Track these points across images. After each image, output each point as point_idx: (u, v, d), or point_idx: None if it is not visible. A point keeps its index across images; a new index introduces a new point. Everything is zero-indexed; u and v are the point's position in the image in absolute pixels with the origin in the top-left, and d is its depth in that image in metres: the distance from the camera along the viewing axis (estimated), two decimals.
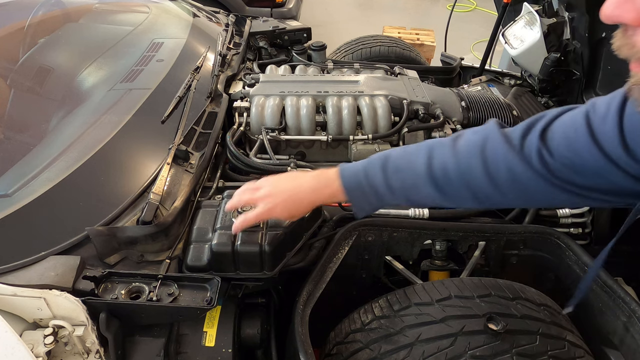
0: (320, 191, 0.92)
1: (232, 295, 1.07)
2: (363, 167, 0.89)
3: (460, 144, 0.81)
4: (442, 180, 0.81)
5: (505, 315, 0.96)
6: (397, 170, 0.85)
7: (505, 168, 0.77)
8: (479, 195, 0.81)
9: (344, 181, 0.90)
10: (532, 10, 1.87)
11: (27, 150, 1.25)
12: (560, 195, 0.76)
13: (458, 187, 0.81)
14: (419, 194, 0.85)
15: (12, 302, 0.87)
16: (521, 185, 0.77)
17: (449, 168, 0.80)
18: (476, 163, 0.78)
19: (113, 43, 1.77)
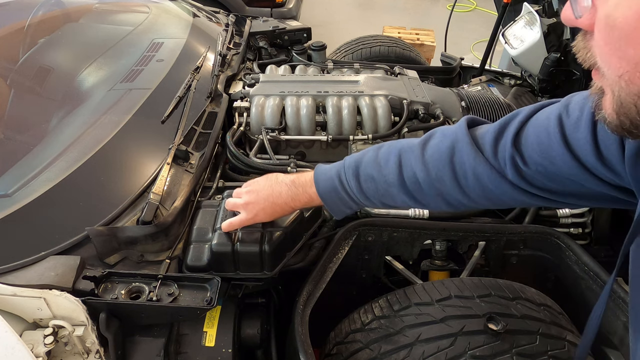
0: (298, 199, 0.95)
1: (232, 295, 1.07)
2: (337, 173, 0.89)
3: (429, 152, 0.80)
4: (414, 189, 0.82)
5: (505, 315, 0.96)
6: (370, 179, 0.85)
7: (473, 178, 0.76)
8: (451, 201, 0.81)
9: (319, 189, 0.91)
10: (532, 10, 1.87)
11: (27, 150, 1.25)
12: (529, 201, 0.76)
13: (431, 195, 0.81)
14: (394, 200, 0.86)
15: (12, 302, 0.87)
16: (490, 193, 0.76)
17: (419, 178, 0.80)
18: (446, 174, 0.78)
19: (113, 43, 1.77)
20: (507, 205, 0.81)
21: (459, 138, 0.77)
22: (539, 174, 0.71)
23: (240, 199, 1.01)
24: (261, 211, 0.98)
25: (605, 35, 0.47)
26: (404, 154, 0.82)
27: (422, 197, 0.82)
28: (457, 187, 0.78)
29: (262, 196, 0.98)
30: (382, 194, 0.85)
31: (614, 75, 0.48)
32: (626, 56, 0.45)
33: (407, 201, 0.84)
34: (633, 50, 0.44)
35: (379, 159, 0.85)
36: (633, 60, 0.45)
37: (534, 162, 0.70)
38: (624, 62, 0.46)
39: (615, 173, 0.63)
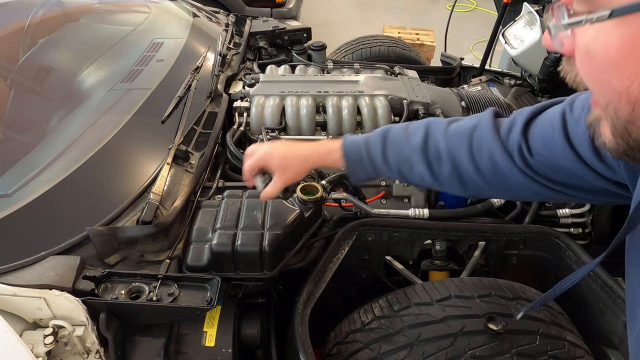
0: (319, 150, 0.96)
1: (232, 295, 1.07)
2: (365, 137, 0.93)
3: (454, 126, 0.85)
4: (434, 159, 0.85)
5: (505, 315, 0.96)
6: (396, 143, 0.88)
7: (487, 155, 0.80)
8: (464, 178, 0.83)
9: (344, 147, 0.93)
10: (532, 10, 1.87)
11: (27, 150, 1.26)
12: (538, 189, 0.78)
13: (447, 168, 0.84)
14: (411, 169, 0.87)
15: (12, 302, 0.87)
16: (502, 176, 0.80)
17: (440, 148, 0.84)
18: (463, 146, 0.82)
19: (113, 43, 1.77)
20: (516, 193, 0.83)
21: (483, 119, 0.83)
22: (543, 165, 0.74)
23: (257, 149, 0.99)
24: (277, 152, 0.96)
25: (587, 66, 0.47)
26: (432, 126, 0.87)
27: (439, 168, 0.84)
28: (472, 161, 0.81)
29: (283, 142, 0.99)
30: (403, 159, 0.87)
31: (602, 102, 0.49)
32: (610, 86, 0.45)
33: (423, 172, 0.86)
34: (617, 81, 0.44)
35: (409, 128, 0.89)
36: (617, 91, 0.45)
37: (537, 152, 0.74)
38: (608, 91, 0.46)
39: (611, 168, 0.66)
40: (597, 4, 0.43)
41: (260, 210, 1.09)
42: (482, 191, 0.87)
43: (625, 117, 0.46)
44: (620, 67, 0.43)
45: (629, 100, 0.44)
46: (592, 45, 0.45)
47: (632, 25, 0.41)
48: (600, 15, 0.42)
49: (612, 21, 0.42)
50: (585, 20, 0.44)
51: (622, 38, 0.42)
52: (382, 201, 1.44)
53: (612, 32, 0.43)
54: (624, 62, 0.43)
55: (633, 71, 0.43)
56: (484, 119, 0.83)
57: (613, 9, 0.41)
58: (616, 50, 0.43)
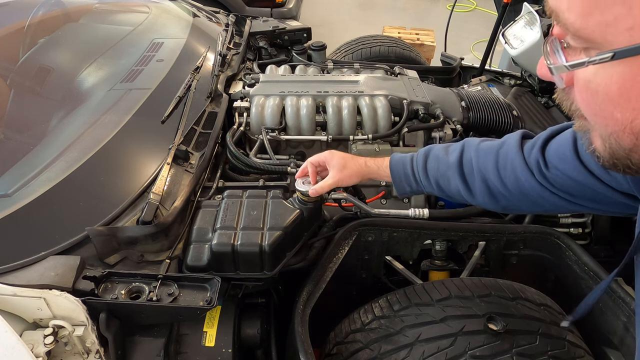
0: (373, 160, 1.08)
1: (232, 295, 1.07)
2: (410, 155, 1.04)
3: (485, 144, 0.93)
4: (467, 173, 0.92)
5: (505, 315, 0.96)
6: (436, 159, 0.98)
7: (511, 170, 0.86)
8: (493, 192, 0.90)
9: (392, 163, 1.04)
10: (532, 10, 1.87)
11: (27, 150, 1.25)
12: (556, 202, 0.83)
13: (478, 182, 0.91)
14: (449, 183, 0.96)
15: (12, 302, 0.87)
16: (524, 189, 0.85)
17: (472, 162, 0.92)
18: (490, 162, 0.89)
19: (113, 43, 1.77)
20: (538, 206, 0.87)
21: (510, 137, 0.90)
22: (558, 177, 0.79)
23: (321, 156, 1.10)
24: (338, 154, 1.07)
25: (588, 97, 0.48)
26: (467, 143, 0.96)
27: (472, 182, 0.92)
28: (498, 176, 0.88)
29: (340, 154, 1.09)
30: (441, 174, 0.97)
31: (602, 131, 0.49)
32: (613, 118, 0.46)
33: (459, 186, 0.94)
34: (620, 114, 0.45)
35: (449, 147, 0.98)
36: (620, 122, 0.46)
37: (553, 166, 0.80)
38: (610, 122, 0.47)
39: (619, 180, 0.69)
40: (595, 42, 0.44)
41: (260, 210, 1.09)
42: (511, 204, 0.92)
43: (628, 147, 0.47)
44: (622, 102, 0.44)
45: (632, 132, 0.45)
46: (592, 80, 0.46)
47: (634, 65, 0.42)
48: (603, 57, 0.43)
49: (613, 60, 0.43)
50: (587, 63, 0.44)
51: (624, 75, 0.43)
52: (382, 201, 1.44)
53: (613, 69, 0.43)
54: (627, 97, 0.44)
55: (636, 106, 0.44)
56: (512, 137, 0.89)
57: (615, 51, 0.42)
58: (618, 85, 0.44)
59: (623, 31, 0.41)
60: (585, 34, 0.44)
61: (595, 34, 0.43)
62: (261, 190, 1.19)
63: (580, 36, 0.45)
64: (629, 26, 0.41)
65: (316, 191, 1.07)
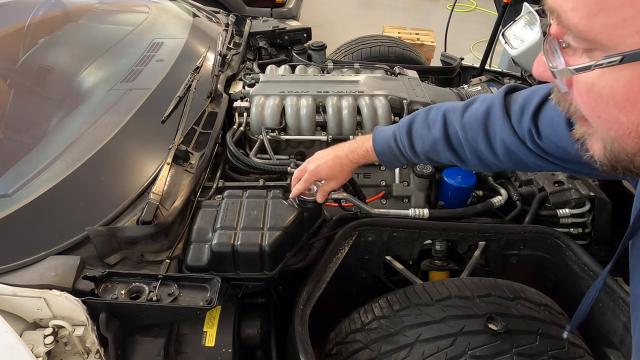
0: (356, 151, 1.06)
1: (232, 295, 1.07)
2: (392, 132, 1.02)
3: (467, 115, 0.91)
4: (456, 145, 0.93)
5: (505, 315, 0.96)
6: (420, 137, 0.97)
7: (501, 141, 0.86)
8: (485, 160, 0.91)
9: (375, 144, 1.03)
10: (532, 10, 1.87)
11: (27, 150, 1.25)
12: (549, 167, 0.85)
13: (468, 153, 0.92)
14: (439, 155, 0.97)
15: (12, 302, 0.87)
16: (516, 157, 0.86)
17: (460, 136, 0.91)
18: (479, 135, 0.89)
19: (113, 43, 1.77)
20: (530, 168, 0.89)
21: (494, 104, 0.88)
22: (552, 146, 0.79)
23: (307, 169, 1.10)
24: (323, 165, 1.07)
25: (591, 100, 0.46)
26: (448, 114, 0.94)
27: (462, 152, 0.93)
28: (489, 147, 0.88)
29: (324, 153, 1.09)
30: (429, 149, 0.97)
31: (605, 134, 0.48)
32: (617, 121, 0.45)
33: (449, 157, 0.95)
34: (625, 118, 0.44)
35: (428, 120, 0.97)
36: (625, 126, 0.45)
37: (546, 136, 0.79)
38: (614, 125, 0.46)
39: None
40: (599, 44, 0.42)
41: (260, 210, 1.09)
42: (504, 168, 0.95)
43: (632, 151, 0.46)
44: (629, 105, 0.43)
45: (638, 136, 0.44)
46: (596, 82, 0.44)
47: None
48: (611, 61, 0.41)
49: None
50: (594, 67, 0.43)
51: (631, 79, 0.42)
52: (382, 201, 1.44)
53: (620, 72, 0.42)
54: (634, 100, 0.43)
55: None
56: (496, 105, 0.87)
57: (624, 54, 0.40)
58: (625, 89, 0.42)
59: (632, 33, 0.40)
60: (590, 36, 0.43)
61: (601, 35, 0.42)
62: (261, 190, 1.19)
63: (584, 38, 0.43)
64: (638, 28, 0.40)
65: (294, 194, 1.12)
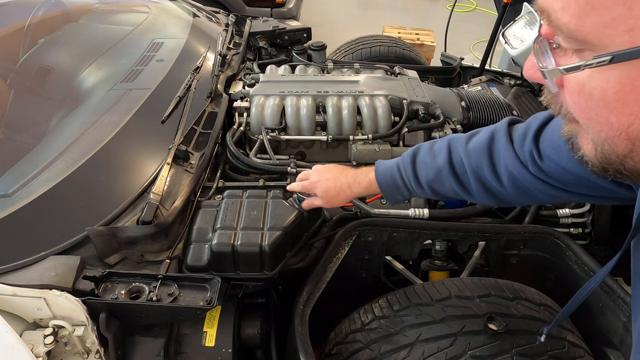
0: (358, 181, 1.03)
1: (232, 295, 1.07)
2: (396, 162, 1.00)
3: (472, 142, 0.90)
4: (460, 173, 0.91)
5: (505, 315, 0.96)
6: (425, 165, 0.95)
7: (504, 166, 0.84)
8: (490, 189, 0.89)
9: (378, 175, 1.01)
10: (532, 10, 1.87)
11: (27, 150, 1.25)
12: (553, 192, 0.82)
13: (473, 182, 0.89)
14: (443, 186, 0.94)
15: (12, 302, 0.87)
16: (520, 184, 0.84)
17: (464, 164, 0.89)
18: (484, 161, 0.87)
19: (113, 43, 1.77)
20: (535, 198, 0.87)
21: (498, 130, 0.87)
22: (553, 168, 0.78)
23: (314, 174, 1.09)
24: (323, 183, 1.06)
25: (582, 101, 0.46)
26: (453, 143, 0.93)
27: (466, 181, 0.90)
28: (493, 173, 0.86)
29: (331, 173, 1.07)
30: (433, 179, 0.94)
31: (595, 135, 0.48)
32: (608, 122, 0.44)
33: (454, 187, 0.92)
34: (615, 119, 0.43)
35: (434, 149, 0.95)
36: (615, 127, 0.44)
37: (547, 156, 0.78)
38: (605, 127, 0.45)
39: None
40: (590, 44, 0.42)
41: (260, 210, 1.09)
42: (509, 199, 0.90)
43: (623, 152, 0.46)
44: (619, 106, 0.42)
45: (628, 137, 0.44)
46: (587, 83, 0.44)
47: (633, 68, 0.40)
48: (601, 60, 0.41)
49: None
50: (584, 66, 0.43)
51: (621, 79, 0.41)
52: (382, 201, 1.44)
53: (610, 72, 0.42)
54: (624, 101, 0.42)
55: (634, 110, 0.42)
56: (499, 131, 0.87)
57: (614, 54, 0.40)
58: (615, 90, 0.42)
59: (622, 33, 0.39)
60: (580, 36, 0.42)
61: (591, 35, 0.41)
62: (261, 190, 1.19)
63: (574, 37, 0.43)
64: (628, 28, 0.39)
65: (307, 206, 1.11)
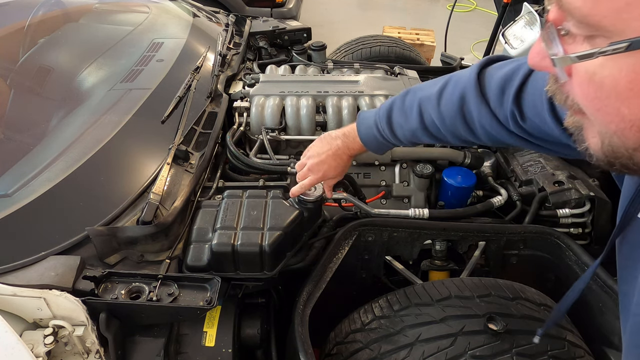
0: (352, 146, 1.09)
1: (232, 295, 1.07)
2: (374, 122, 1.04)
3: (443, 102, 0.92)
4: (434, 131, 0.96)
5: (505, 315, 0.96)
6: (399, 126, 1.00)
7: (480, 126, 0.88)
8: (466, 140, 0.95)
9: (362, 138, 1.07)
10: (532, 10, 1.87)
11: (27, 150, 1.25)
12: (532, 147, 0.86)
13: (448, 135, 0.95)
14: (420, 140, 1.01)
15: (12, 302, 0.87)
16: (496, 139, 0.89)
17: (437, 124, 0.94)
18: (458, 122, 0.91)
19: (113, 43, 1.77)
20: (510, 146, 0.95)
21: (467, 88, 0.87)
22: (535, 129, 0.79)
23: (305, 165, 1.11)
24: (328, 168, 1.09)
25: (591, 91, 0.44)
26: (423, 104, 0.96)
27: (442, 136, 0.97)
28: (469, 131, 0.91)
29: (324, 154, 1.09)
30: (410, 136, 1.00)
31: (603, 128, 0.46)
32: (619, 114, 0.43)
33: (430, 140, 1.00)
34: (627, 110, 0.42)
35: (405, 108, 0.99)
36: (627, 118, 0.42)
37: (529, 118, 0.79)
38: (615, 118, 0.43)
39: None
40: (603, 30, 0.40)
41: (260, 210, 1.09)
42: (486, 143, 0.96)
43: (633, 146, 0.44)
44: (632, 96, 0.41)
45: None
46: (598, 72, 0.42)
47: None
48: (617, 47, 0.39)
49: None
50: (598, 54, 0.41)
51: (635, 68, 0.40)
52: (382, 201, 1.44)
53: (623, 60, 0.40)
54: (638, 91, 0.40)
55: None
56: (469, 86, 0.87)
57: (632, 41, 0.38)
58: (628, 79, 0.40)
59: (638, 17, 0.37)
60: (594, 20, 0.40)
61: (606, 20, 0.39)
62: (261, 190, 1.19)
63: (587, 22, 0.41)
64: None
65: (297, 191, 1.11)
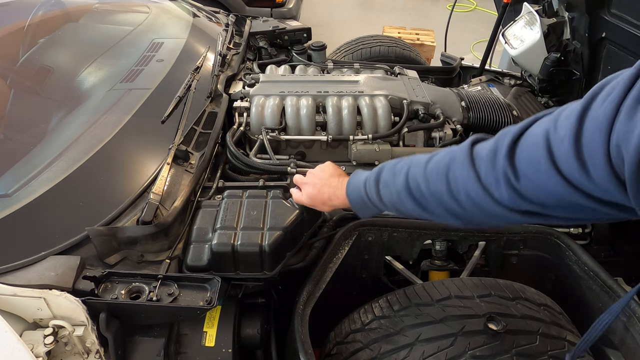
0: (336, 196, 1.04)
1: (232, 295, 1.07)
2: (364, 180, 0.97)
3: (430, 166, 0.84)
4: (419, 197, 0.85)
5: (505, 315, 0.96)
6: (385, 185, 0.92)
7: (465, 194, 0.77)
8: (453, 212, 0.82)
9: (348, 193, 1.01)
10: (532, 10, 1.87)
11: (27, 150, 1.25)
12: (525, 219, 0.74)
13: (433, 204, 0.84)
14: (404, 207, 0.90)
15: (12, 302, 0.87)
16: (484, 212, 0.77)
17: (422, 188, 0.84)
18: (442, 186, 0.80)
19: (113, 43, 1.77)
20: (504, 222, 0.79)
21: (457, 155, 0.79)
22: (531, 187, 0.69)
23: (305, 178, 1.12)
24: (309, 196, 1.08)
25: None
26: (412, 166, 0.88)
27: (427, 205, 0.85)
28: (454, 200, 0.79)
29: (323, 174, 1.09)
30: (395, 200, 0.90)
31: None
32: None
33: (414, 209, 0.88)
34: None
35: (395, 169, 0.91)
36: None
37: (524, 175, 0.68)
38: None
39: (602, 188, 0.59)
40: None
41: (260, 210, 1.09)
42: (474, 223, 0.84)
43: None
44: None
45: None
46: None
47: None
48: None
49: None
50: None
51: None
52: None
53: None
54: None
55: None
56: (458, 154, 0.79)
57: None
58: None
59: None
60: None
61: None
62: (261, 190, 1.19)
63: None
64: None
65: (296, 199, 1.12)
